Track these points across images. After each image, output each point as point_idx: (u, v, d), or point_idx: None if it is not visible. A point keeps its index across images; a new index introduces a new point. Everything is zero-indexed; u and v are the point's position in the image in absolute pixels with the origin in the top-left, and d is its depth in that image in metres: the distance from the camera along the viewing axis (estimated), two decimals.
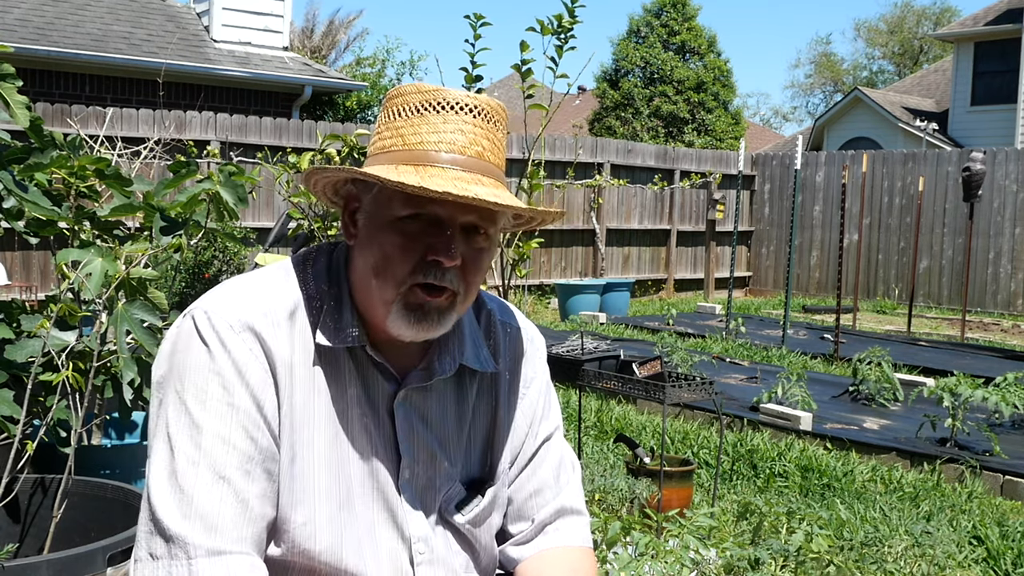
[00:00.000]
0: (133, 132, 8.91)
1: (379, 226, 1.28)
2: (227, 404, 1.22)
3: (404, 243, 1.26)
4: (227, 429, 1.21)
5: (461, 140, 1.26)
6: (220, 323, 1.25)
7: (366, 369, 1.33)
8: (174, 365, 1.25)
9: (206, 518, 1.18)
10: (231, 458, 1.21)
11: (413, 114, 1.28)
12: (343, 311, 1.32)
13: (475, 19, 3.87)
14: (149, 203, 2.50)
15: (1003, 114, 20.26)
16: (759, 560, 3.08)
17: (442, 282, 1.26)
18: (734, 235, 9.76)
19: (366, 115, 17.21)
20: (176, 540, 1.17)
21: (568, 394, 5.93)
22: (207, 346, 1.24)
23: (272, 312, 1.28)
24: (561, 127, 26.47)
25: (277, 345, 1.27)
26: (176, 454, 1.20)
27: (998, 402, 5.01)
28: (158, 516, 1.19)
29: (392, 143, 1.28)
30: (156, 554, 1.18)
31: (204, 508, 1.18)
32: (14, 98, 2.35)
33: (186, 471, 1.19)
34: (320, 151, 4.39)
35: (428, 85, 1.30)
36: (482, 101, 1.29)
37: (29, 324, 2.40)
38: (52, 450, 2.57)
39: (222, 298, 1.28)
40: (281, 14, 12.79)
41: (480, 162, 1.27)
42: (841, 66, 41.59)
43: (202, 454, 1.20)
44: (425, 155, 1.25)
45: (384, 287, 1.27)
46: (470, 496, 1.40)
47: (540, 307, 11.88)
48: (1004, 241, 12.51)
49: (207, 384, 1.22)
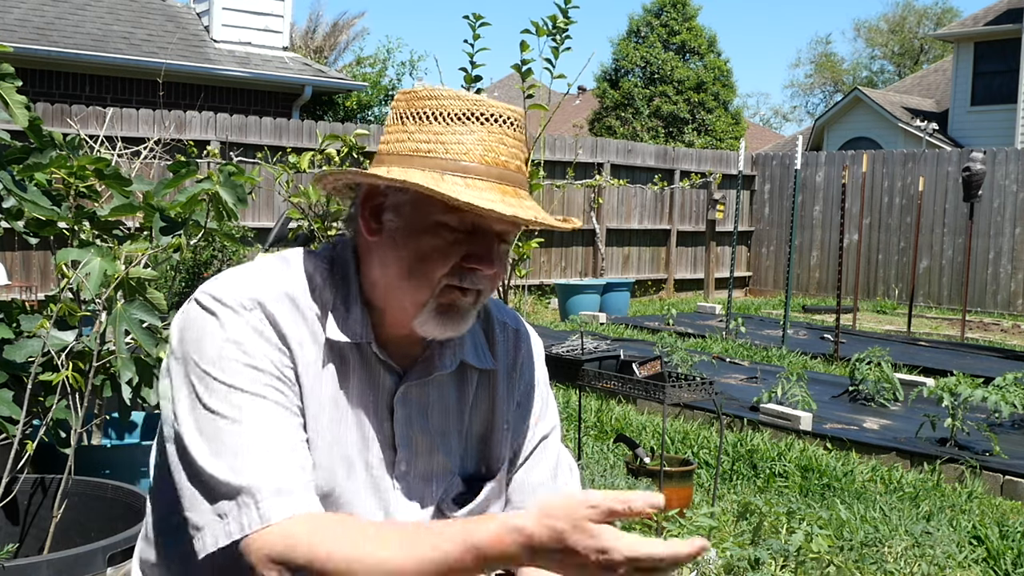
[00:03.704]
0: (133, 132, 8.91)
1: (417, 228, 1.29)
2: (248, 366, 1.24)
3: (443, 247, 1.28)
4: (256, 387, 1.23)
5: (505, 153, 1.30)
6: (230, 301, 1.28)
7: (370, 363, 1.35)
8: (189, 345, 1.27)
9: (259, 468, 1.19)
10: (268, 413, 1.23)
11: (454, 121, 1.29)
12: (351, 307, 1.33)
13: (474, 19, 3.87)
14: (149, 203, 2.50)
15: (1003, 114, 20.25)
16: (759, 560, 3.08)
17: (477, 286, 1.30)
18: (734, 235, 9.76)
19: (366, 115, 17.20)
20: (241, 491, 1.18)
21: (568, 394, 5.92)
22: (218, 318, 1.26)
23: (280, 294, 1.31)
24: (561, 127, 26.47)
25: (287, 324, 1.29)
26: (215, 421, 1.21)
27: (998, 402, 5.01)
28: (214, 481, 1.19)
29: (431, 148, 1.29)
30: (223, 512, 1.18)
31: (257, 461, 1.19)
32: (13, 98, 2.35)
33: (229, 432, 1.21)
34: (320, 151, 4.38)
35: (466, 92, 1.32)
36: (516, 113, 1.33)
37: (29, 324, 2.41)
38: (52, 450, 2.57)
39: (227, 282, 1.30)
40: (281, 14, 12.79)
41: (517, 175, 1.31)
42: (841, 66, 41.59)
43: (241, 413, 1.21)
44: (471, 167, 1.27)
45: (419, 289, 1.29)
46: (468, 490, 1.41)
47: (540, 307, 11.88)
48: (1004, 241, 12.51)
49: (224, 351, 1.25)
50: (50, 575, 1.97)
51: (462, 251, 1.29)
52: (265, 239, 5.65)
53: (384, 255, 1.32)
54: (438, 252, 1.28)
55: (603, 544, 1.01)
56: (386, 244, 1.32)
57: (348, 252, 1.38)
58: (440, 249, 1.28)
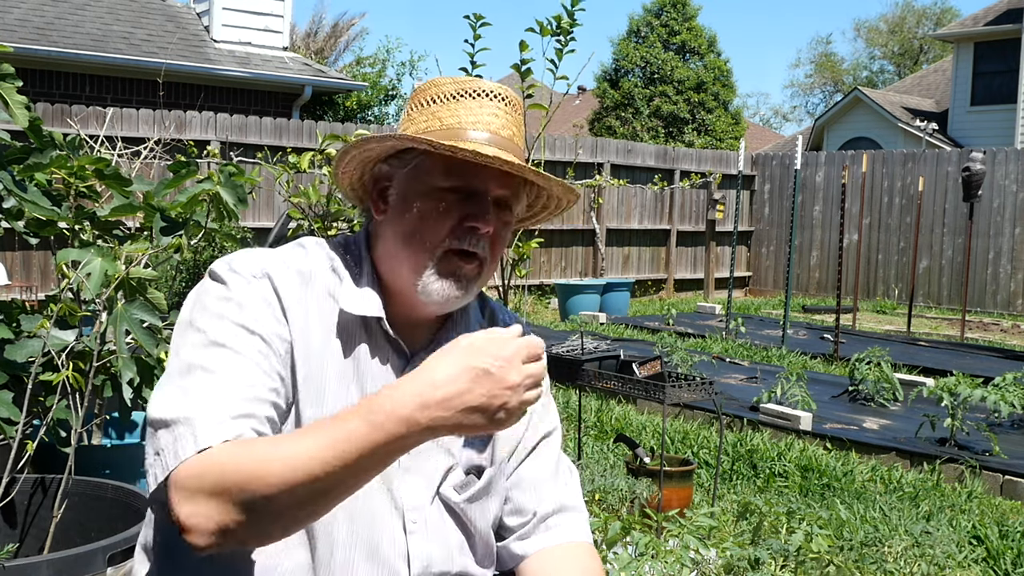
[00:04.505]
0: (133, 132, 8.91)
1: (417, 195, 1.34)
2: (240, 326, 1.25)
3: (442, 210, 1.32)
4: (238, 343, 1.24)
5: (496, 122, 1.36)
6: (240, 268, 1.31)
7: (379, 341, 1.37)
8: (194, 305, 1.30)
9: (205, 400, 1.17)
10: (241, 366, 1.23)
11: (449, 100, 1.36)
12: (363, 285, 1.37)
13: (475, 19, 3.87)
14: (149, 203, 2.50)
15: (1003, 114, 20.25)
16: (759, 560, 3.08)
17: (476, 248, 1.33)
18: (734, 235, 9.76)
19: (366, 115, 17.21)
20: (180, 421, 1.16)
21: (568, 394, 5.92)
22: (226, 284, 1.29)
23: (291, 270, 1.34)
24: (561, 127, 26.47)
25: (295, 300, 1.31)
26: (189, 368, 1.22)
27: (997, 402, 5.01)
28: (159, 413, 1.18)
29: (428, 125, 1.36)
30: (160, 447, 1.16)
31: (211, 395, 1.18)
32: (13, 98, 2.35)
33: (200, 377, 1.20)
34: (320, 151, 4.38)
35: (462, 76, 1.39)
36: (509, 92, 1.40)
37: (29, 324, 2.41)
38: (52, 450, 2.56)
39: (241, 254, 1.34)
40: (281, 14, 12.79)
41: (512, 143, 1.37)
42: (841, 66, 41.59)
43: (216, 364, 1.22)
44: (464, 132, 1.34)
45: (418, 253, 1.33)
46: (468, 478, 1.42)
47: (540, 307, 11.88)
48: (1004, 241, 12.51)
49: (222, 308, 1.27)
50: (50, 575, 1.97)
51: (459, 213, 1.32)
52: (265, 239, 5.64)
53: (389, 229, 1.37)
54: (435, 214, 1.32)
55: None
56: (391, 219, 1.37)
57: (362, 236, 1.43)
58: (437, 212, 1.32)
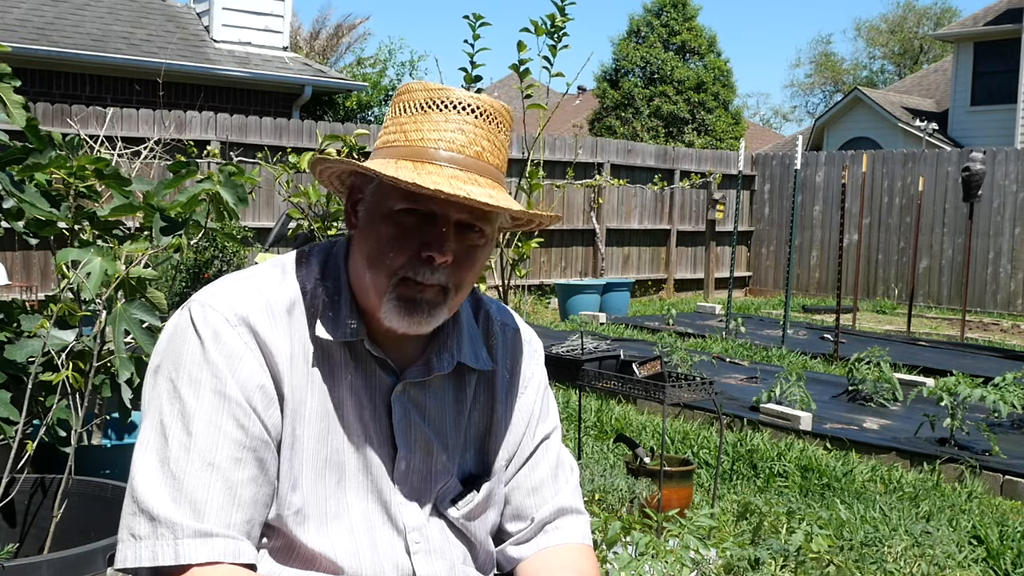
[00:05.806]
0: (133, 132, 8.91)
1: (377, 217, 1.30)
2: (218, 393, 1.24)
3: (399, 235, 1.28)
4: (218, 417, 1.23)
5: (461, 139, 1.28)
6: (215, 316, 1.27)
7: (365, 362, 1.34)
8: (170, 354, 1.27)
9: (195, 503, 1.20)
10: (222, 446, 1.22)
11: (417, 111, 1.30)
12: (341, 305, 1.33)
13: (474, 19, 3.87)
14: (149, 203, 2.50)
15: (1003, 114, 20.25)
16: (759, 560, 3.08)
17: (431, 280, 1.28)
18: (734, 235, 9.75)
19: (366, 115, 17.21)
20: (163, 521, 1.19)
21: (568, 394, 5.92)
22: (201, 338, 1.26)
23: (269, 306, 1.30)
24: (561, 127, 26.47)
25: (274, 338, 1.28)
26: (168, 440, 1.22)
27: (996, 401, 5.01)
28: (144, 498, 1.21)
29: (395, 138, 1.30)
30: (139, 534, 1.20)
31: (193, 493, 1.20)
32: (11, 98, 2.35)
33: (177, 457, 1.21)
34: (320, 151, 4.38)
35: (434, 84, 1.32)
36: (484, 102, 1.31)
37: (29, 324, 2.41)
38: (52, 450, 2.56)
39: (220, 292, 1.30)
40: (281, 14, 12.78)
41: (478, 162, 1.28)
42: (841, 66, 41.58)
43: (193, 441, 1.22)
44: (424, 151, 1.27)
45: (377, 277, 1.29)
46: (465, 491, 1.41)
47: (540, 307, 11.87)
48: (1004, 241, 12.51)
49: (200, 374, 1.24)
50: (50, 575, 1.97)
51: (417, 242, 1.27)
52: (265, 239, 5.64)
53: (357, 246, 1.34)
54: (393, 240, 1.27)
55: None
56: (359, 236, 1.34)
57: (341, 249, 1.39)
58: (395, 237, 1.27)
